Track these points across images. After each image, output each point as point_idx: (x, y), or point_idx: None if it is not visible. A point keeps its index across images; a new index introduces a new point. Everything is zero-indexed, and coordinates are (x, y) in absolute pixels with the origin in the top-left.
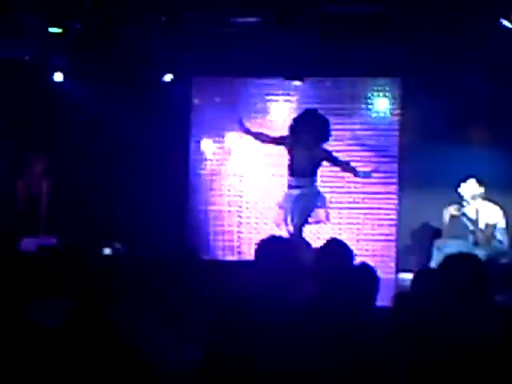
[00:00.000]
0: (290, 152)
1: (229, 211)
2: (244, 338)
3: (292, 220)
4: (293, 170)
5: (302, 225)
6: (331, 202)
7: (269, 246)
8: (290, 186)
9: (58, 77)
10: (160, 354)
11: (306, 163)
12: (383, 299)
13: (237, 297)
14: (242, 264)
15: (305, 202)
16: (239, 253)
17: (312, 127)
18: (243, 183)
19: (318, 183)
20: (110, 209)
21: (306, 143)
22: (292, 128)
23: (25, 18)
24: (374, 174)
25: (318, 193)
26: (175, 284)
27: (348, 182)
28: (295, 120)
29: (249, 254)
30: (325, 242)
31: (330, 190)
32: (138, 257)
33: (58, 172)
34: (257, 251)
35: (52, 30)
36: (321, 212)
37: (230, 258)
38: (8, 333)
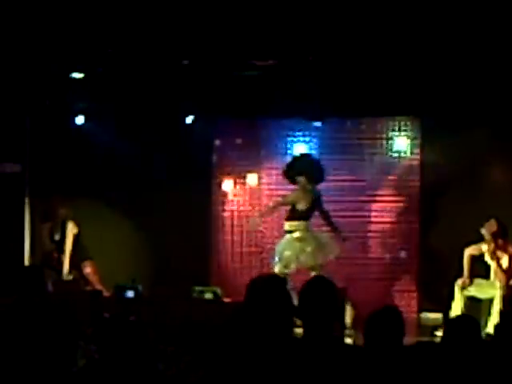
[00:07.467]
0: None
1: (250, 251)
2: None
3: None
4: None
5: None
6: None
7: (258, 286)
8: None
9: (80, 120)
10: None
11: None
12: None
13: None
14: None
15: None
16: None
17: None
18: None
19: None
20: (134, 252)
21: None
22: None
23: (47, 63)
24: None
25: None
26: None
27: (368, 223)
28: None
29: None
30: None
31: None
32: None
33: (83, 215)
34: (246, 291)
35: (74, 75)
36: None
37: None
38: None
